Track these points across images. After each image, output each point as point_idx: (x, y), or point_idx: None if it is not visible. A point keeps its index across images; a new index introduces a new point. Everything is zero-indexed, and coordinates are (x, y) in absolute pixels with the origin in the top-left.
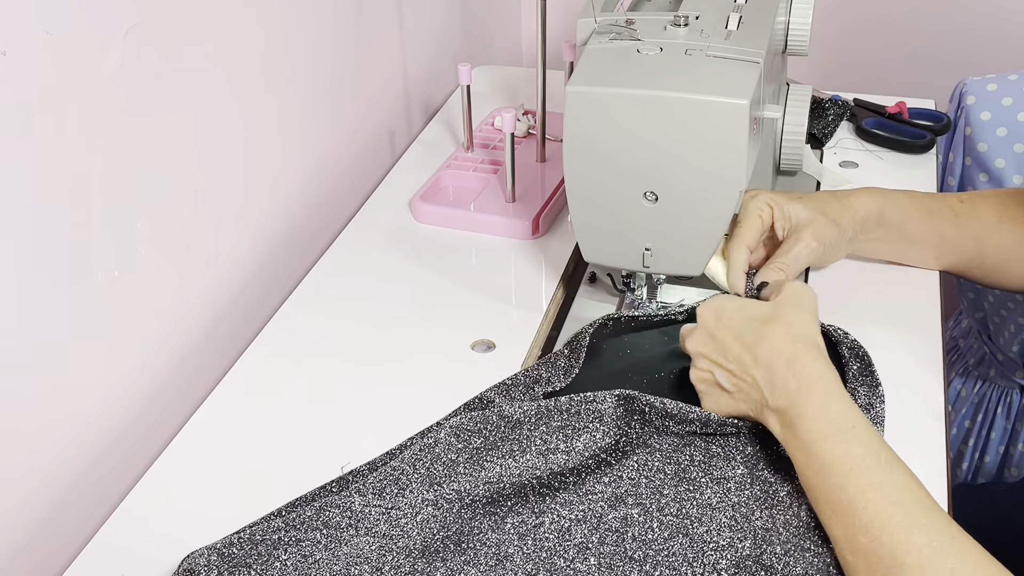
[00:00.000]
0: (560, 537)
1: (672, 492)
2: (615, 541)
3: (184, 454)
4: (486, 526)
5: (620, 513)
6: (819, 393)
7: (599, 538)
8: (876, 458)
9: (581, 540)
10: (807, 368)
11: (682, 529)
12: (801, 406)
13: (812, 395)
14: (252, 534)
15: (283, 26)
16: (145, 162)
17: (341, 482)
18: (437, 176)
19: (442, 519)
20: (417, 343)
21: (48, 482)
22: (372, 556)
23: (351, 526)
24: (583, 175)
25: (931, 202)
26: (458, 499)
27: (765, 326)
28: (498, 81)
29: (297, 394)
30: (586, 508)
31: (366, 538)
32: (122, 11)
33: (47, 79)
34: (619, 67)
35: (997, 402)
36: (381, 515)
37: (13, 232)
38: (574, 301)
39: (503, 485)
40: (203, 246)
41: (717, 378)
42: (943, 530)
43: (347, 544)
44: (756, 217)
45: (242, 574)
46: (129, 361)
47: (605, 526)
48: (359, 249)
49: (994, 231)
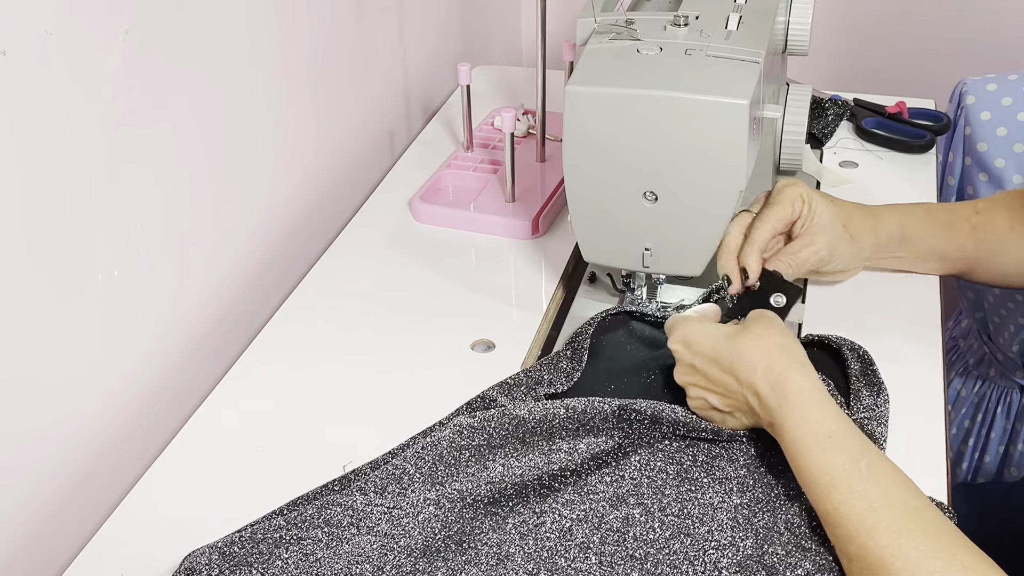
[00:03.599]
0: (561, 537)
1: (674, 492)
2: (616, 540)
3: (184, 454)
4: (487, 526)
5: (622, 513)
6: (796, 404)
7: (600, 537)
8: (856, 465)
9: (582, 540)
10: (782, 378)
11: (684, 528)
12: (782, 418)
13: (789, 407)
14: (253, 533)
15: (283, 26)
16: (145, 162)
17: (343, 480)
18: (437, 176)
19: (444, 518)
20: (417, 343)
21: (48, 482)
22: (373, 555)
23: (353, 524)
24: (583, 175)
25: (951, 216)
26: (460, 498)
27: (736, 343)
28: (498, 81)
29: (297, 394)
30: (588, 508)
31: (367, 537)
32: (122, 11)
33: (47, 79)
34: (619, 67)
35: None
36: (383, 514)
37: (13, 232)
38: (574, 301)
39: (505, 485)
40: (203, 246)
41: (712, 403)
42: (930, 533)
43: (348, 543)
44: (789, 205)
45: (243, 573)
46: (129, 361)
47: (606, 526)
48: (359, 249)
49: (1008, 238)
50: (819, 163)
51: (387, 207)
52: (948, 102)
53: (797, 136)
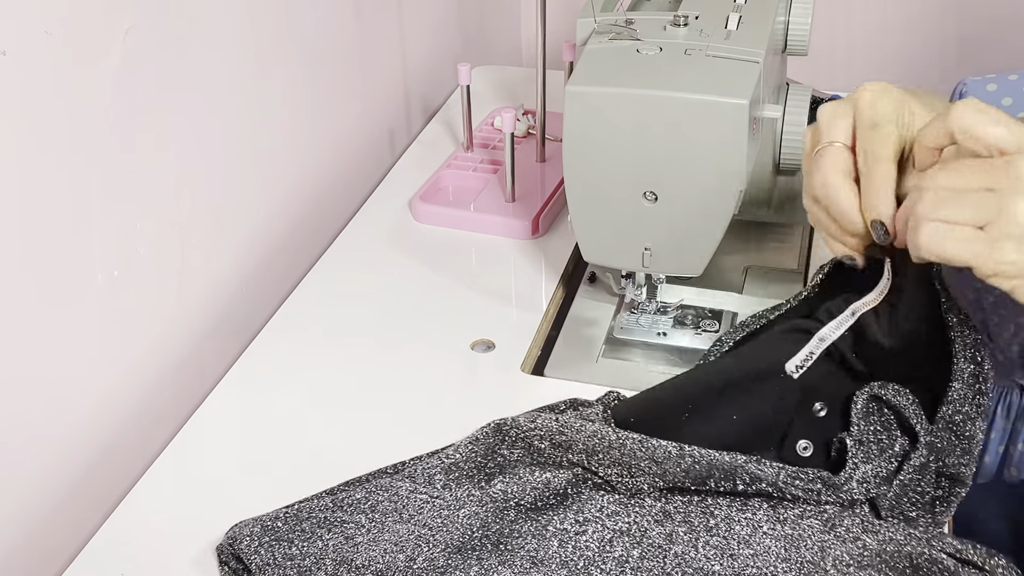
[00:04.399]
0: (600, 548)
1: (723, 512)
2: (656, 556)
3: (184, 454)
4: (527, 530)
5: (666, 530)
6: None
7: (640, 552)
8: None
9: (621, 553)
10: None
11: (728, 550)
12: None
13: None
14: (299, 510)
15: (283, 26)
16: (145, 162)
17: (397, 465)
18: (437, 176)
19: (484, 518)
20: (417, 343)
21: (48, 482)
22: (408, 546)
23: (395, 511)
24: (583, 175)
25: None
26: (503, 499)
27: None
28: (498, 81)
29: (297, 394)
30: (631, 520)
31: (407, 525)
32: (122, 11)
33: (47, 79)
34: (619, 67)
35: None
36: (424, 503)
37: (13, 232)
38: (574, 301)
39: (550, 492)
40: (202, 246)
41: (973, 184)
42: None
43: (388, 531)
44: (893, 127)
45: (283, 548)
46: (128, 361)
47: (648, 541)
48: (359, 249)
49: None
50: None
51: (387, 207)
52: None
53: (797, 136)
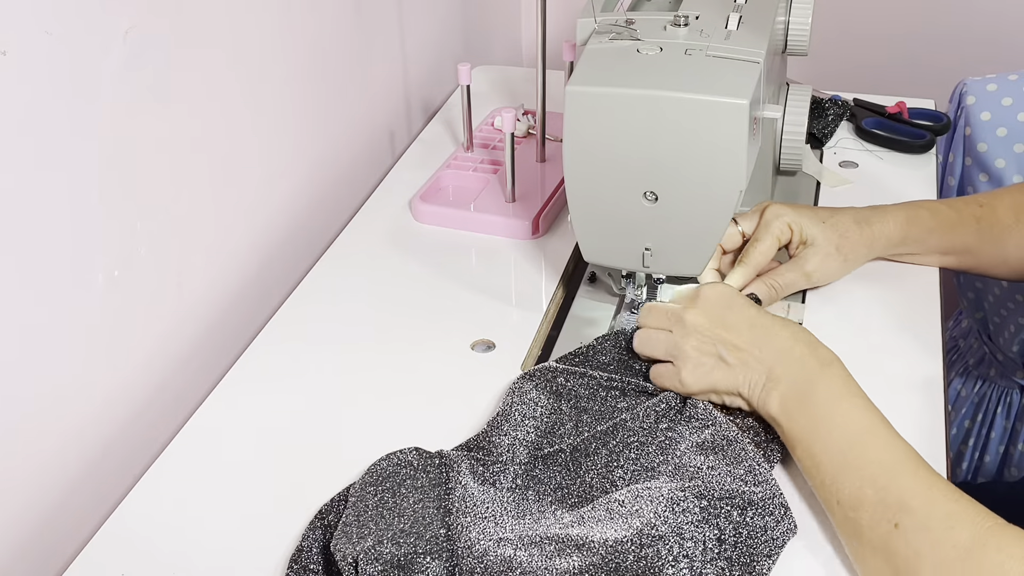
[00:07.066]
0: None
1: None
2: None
3: (184, 454)
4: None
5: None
6: (838, 367)
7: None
8: (885, 421)
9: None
10: (823, 352)
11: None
12: (817, 376)
13: (830, 368)
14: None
15: (283, 26)
16: (144, 162)
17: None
18: (437, 176)
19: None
20: (417, 343)
21: (48, 482)
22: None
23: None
24: (583, 175)
25: (954, 215)
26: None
27: (783, 327)
28: (498, 81)
29: (297, 394)
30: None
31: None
32: (122, 11)
33: (47, 79)
34: (619, 67)
35: (997, 402)
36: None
37: (13, 232)
38: (574, 301)
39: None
40: (203, 246)
41: (719, 350)
42: (941, 482)
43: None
44: (775, 240)
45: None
46: (129, 361)
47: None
48: (359, 249)
49: (1013, 231)
50: (819, 163)
51: (387, 207)
52: (948, 102)
53: (797, 136)
